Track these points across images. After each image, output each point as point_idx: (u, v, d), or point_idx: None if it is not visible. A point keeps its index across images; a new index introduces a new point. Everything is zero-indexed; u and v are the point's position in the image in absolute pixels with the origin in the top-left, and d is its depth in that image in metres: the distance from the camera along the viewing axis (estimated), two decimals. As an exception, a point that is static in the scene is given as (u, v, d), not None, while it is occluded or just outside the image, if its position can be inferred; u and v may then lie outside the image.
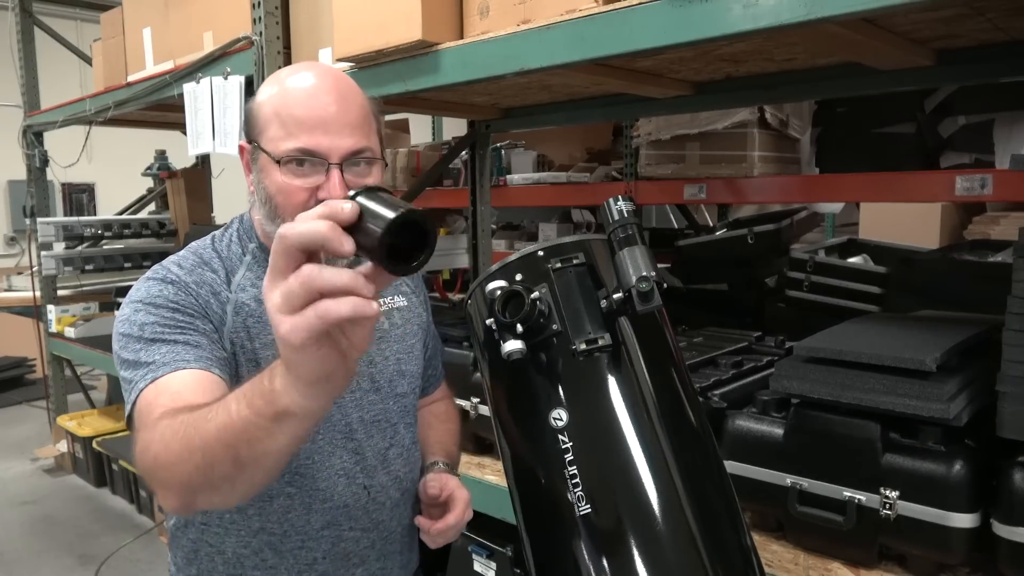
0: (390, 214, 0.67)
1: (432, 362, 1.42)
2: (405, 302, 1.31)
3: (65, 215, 7.41)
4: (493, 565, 2.26)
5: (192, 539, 1.15)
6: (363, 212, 0.69)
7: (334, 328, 0.66)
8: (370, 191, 0.73)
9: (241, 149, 1.12)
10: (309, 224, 0.66)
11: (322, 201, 0.84)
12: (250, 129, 1.08)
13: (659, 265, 1.21)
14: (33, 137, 4.56)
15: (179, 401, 0.90)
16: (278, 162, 1.03)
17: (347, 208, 0.67)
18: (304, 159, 1.02)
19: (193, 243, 1.17)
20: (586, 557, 1.13)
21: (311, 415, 0.75)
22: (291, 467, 1.09)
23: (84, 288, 4.89)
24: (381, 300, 1.19)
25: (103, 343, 4.14)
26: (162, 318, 1.01)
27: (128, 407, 0.98)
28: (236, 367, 1.05)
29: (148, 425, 0.90)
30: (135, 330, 1.01)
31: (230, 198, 6.08)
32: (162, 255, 4.97)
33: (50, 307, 4.57)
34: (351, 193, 0.72)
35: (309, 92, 1.03)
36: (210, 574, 1.15)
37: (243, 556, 1.13)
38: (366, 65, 2.19)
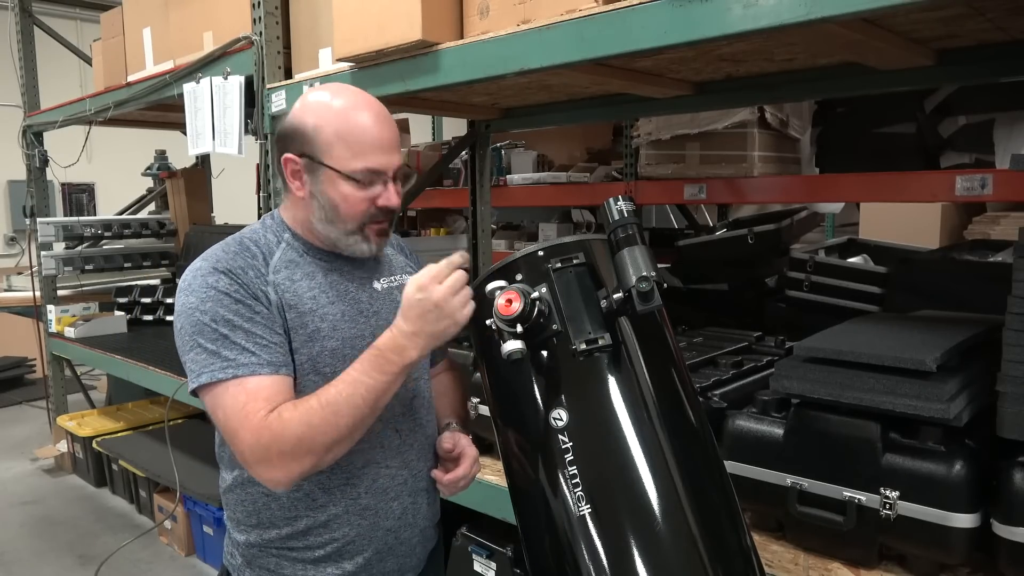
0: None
1: None
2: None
3: (65, 215, 7.40)
4: (493, 565, 2.26)
5: (251, 493, 1.33)
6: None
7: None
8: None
9: (286, 160, 1.30)
10: (459, 274, 1.21)
11: (381, 208, 1.29)
12: (303, 146, 1.28)
13: (659, 265, 1.21)
14: (33, 137, 4.56)
15: (276, 401, 1.19)
16: (348, 177, 1.25)
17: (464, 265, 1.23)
18: (372, 177, 1.26)
19: (229, 237, 1.34)
20: (586, 557, 1.13)
21: (420, 360, 1.22)
22: None
23: (84, 288, 4.89)
24: (392, 277, 1.42)
25: (103, 343, 4.15)
26: (230, 311, 1.21)
27: (196, 383, 1.21)
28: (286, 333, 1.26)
29: (253, 418, 1.16)
30: (207, 319, 1.21)
31: (230, 198, 6.10)
32: (162, 255, 5.00)
33: (50, 307, 4.57)
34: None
35: (369, 121, 1.27)
36: (270, 521, 1.32)
37: (296, 499, 1.30)
38: (366, 65, 2.19)
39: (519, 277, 1.27)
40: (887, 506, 1.48)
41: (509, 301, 1.20)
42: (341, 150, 1.25)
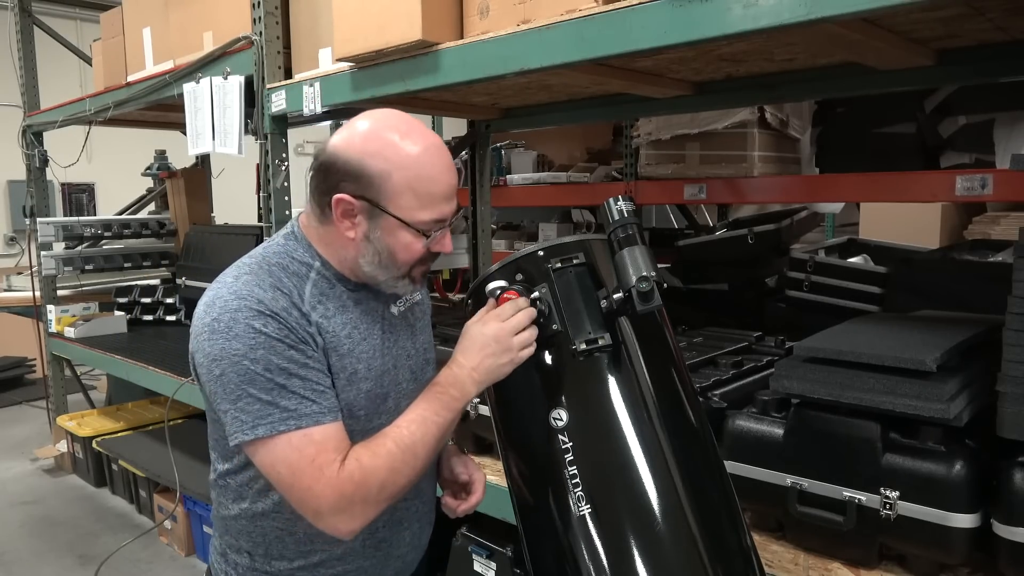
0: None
1: None
2: (420, 296, 1.41)
3: (65, 215, 7.40)
4: (493, 565, 2.26)
5: (262, 527, 1.26)
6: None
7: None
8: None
9: (339, 201, 1.18)
10: (522, 314, 1.22)
11: (434, 253, 1.24)
12: (365, 190, 1.17)
13: (659, 265, 1.21)
14: (33, 137, 4.56)
15: (342, 450, 1.15)
16: (412, 227, 1.19)
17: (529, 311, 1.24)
18: (438, 227, 1.21)
19: (248, 261, 1.24)
20: (586, 557, 1.13)
21: (476, 395, 1.24)
22: None
23: (84, 288, 4.89)
24: (405, 298, 1.34)
25: (103, 343, 4.15)
26: (284, 358, 1.13)
27: (252, 435, 1.13)
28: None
29: (329, 471, 1.12)
30: (259, 369, 1.12)
31: (230, 198, 6.09)
32: (162, 255, 4.98)
33: (50, 307, 4.57)
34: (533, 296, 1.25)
35: (439, 167, 1.20)
36: (281, 553, 1.27)
37: (313, 535, 1.24)
38: (366, 65, 2.19)
39: (519, 277, 1.27)
40: (887, 506, 1.48)
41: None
42: (410, 200, 1.17)
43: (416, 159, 1.18)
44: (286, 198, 2.70)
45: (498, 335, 1.19)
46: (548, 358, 1.22)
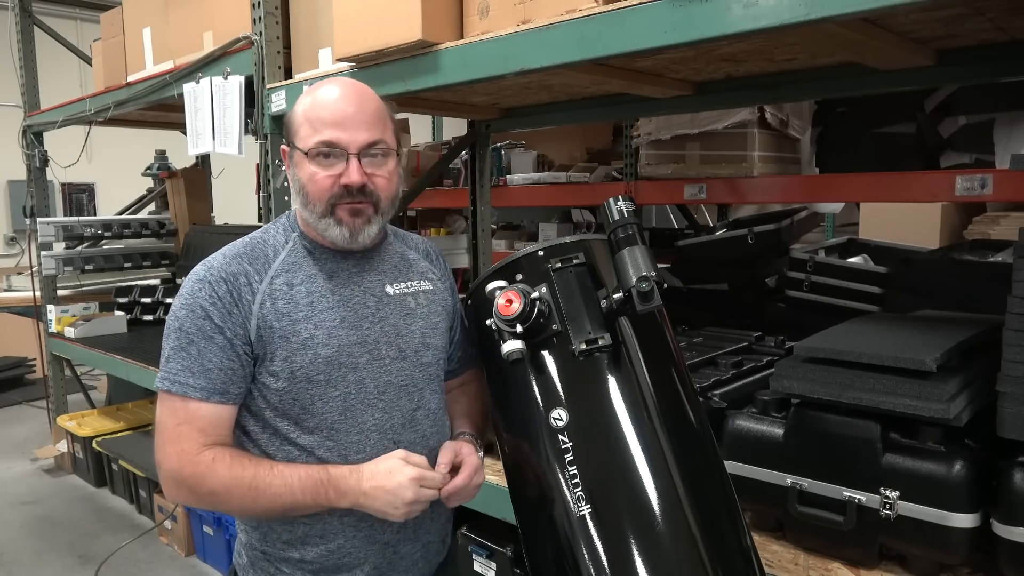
0: None
1: (462, 345, 1.51)
2: (430, 286, 1.42)
3: (65, 215, 7.40)
4: (493, 565, 2.26)
5: None
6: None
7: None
8: None
9: (283, 153, 1.34)
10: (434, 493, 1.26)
11: (344, 186, 1.24)
12: (287, 134, 1.31)
13: (659, 265, 1.21)
14: (33, 137, 4.56)
15: (209, 435, 1.22)
16: (307, 154, 1.25)
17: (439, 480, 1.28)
18: (328, 151, 1.24)
19: (247, 235, 1.36)
20: (586, 557, 1.13)
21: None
22: (326, 424, 1.27)
23: (84, 288, 4.89)
24: (408, 283, 1.39)
25: (103, 343, 4.15)
26: (194, 325, 1.23)
27: (157, 379, 1.26)
28: (262, 342, 1.25)
29: (185, 444, 1.22)
30: (176, 325, 1.24)
31: (230, 198, 6.10)
32: (162, 255, 4.98)
33: (50, 307, 4.57)
34: None
35: (332, 98, 1.27)
36: (270, 528, 1.32)
37: None
38: (366, 65, 2.19)
39: (519, 277, 1.27)
40: (887, 506, 1.48)
41: (509, 301, 1.20)
42: (305, 129, 1.26)
43: (315, 95, 1.28)
44: (286, 198, 2.70)
45: (404, 490, 1.21)
46: (548, 358, 1.22)
